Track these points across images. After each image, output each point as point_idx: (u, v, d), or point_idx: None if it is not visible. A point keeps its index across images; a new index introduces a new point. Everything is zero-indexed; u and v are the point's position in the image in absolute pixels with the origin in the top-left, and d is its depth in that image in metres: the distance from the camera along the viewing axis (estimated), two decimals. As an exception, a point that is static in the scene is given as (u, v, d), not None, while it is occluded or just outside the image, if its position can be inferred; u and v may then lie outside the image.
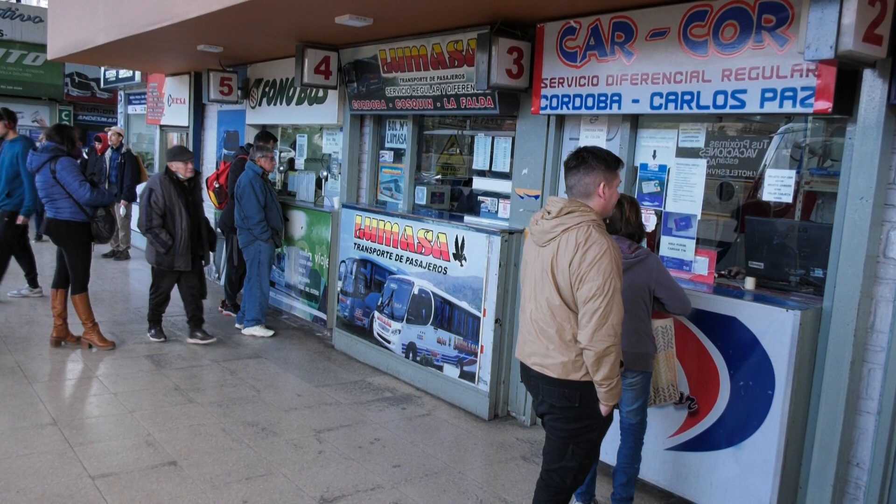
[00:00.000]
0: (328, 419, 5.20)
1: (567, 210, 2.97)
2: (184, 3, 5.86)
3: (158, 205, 6.45)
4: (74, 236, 6.21)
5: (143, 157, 12.29)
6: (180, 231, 6.55)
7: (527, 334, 3.11)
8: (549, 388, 3.03)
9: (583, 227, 2.93)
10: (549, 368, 2.99)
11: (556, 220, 2.97)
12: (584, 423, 3.07)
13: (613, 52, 4.56)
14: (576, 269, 2.87)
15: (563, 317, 2.95)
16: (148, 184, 6.57)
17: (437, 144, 6.98)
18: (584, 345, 2.89)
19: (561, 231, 2.95)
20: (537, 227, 3.04)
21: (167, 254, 6.55)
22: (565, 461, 3.12)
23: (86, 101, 18.53)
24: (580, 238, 2.90)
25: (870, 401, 3.67)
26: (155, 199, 6.45)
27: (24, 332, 6.80)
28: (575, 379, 2.97)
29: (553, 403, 3.05)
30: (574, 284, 2.89)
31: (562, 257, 2.92)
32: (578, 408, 3.02)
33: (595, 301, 2.85)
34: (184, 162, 6.68)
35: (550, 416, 3.12)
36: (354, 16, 5.42)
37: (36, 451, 4.37)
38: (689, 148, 4.57)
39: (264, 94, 8.81)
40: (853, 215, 3.59)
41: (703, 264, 4.44)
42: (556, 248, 2.94)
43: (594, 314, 2.85)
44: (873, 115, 3.49)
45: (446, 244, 5.64)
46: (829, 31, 3.08)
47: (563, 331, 2.95)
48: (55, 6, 9.32)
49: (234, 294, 8.01)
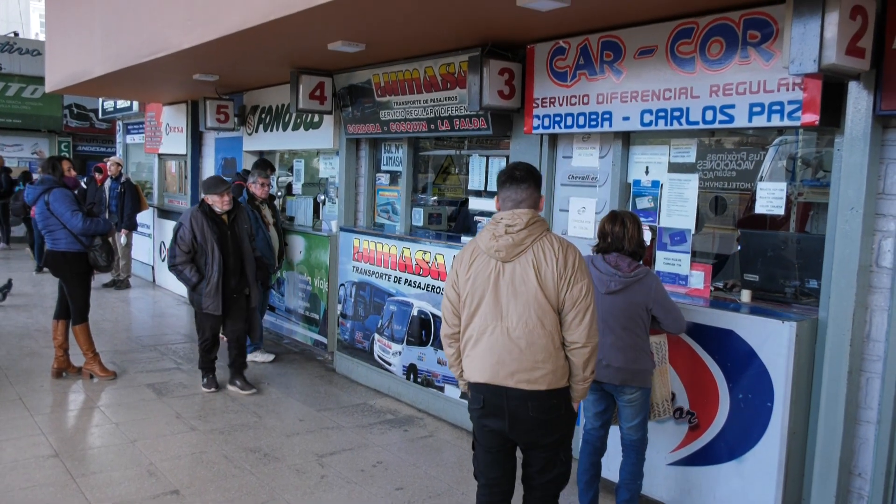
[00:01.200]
0: (330, 443, 5.19)
1: (533, 220, 3.01)
2: (179, 34, 5.94)
3: (185, 240, 5.95)
4: (72, 267, 6.24)
5: (143, 186, 12.36)
6: (211, 270, 6.00)
7: (503, 354, 2.99)
8: (536, 402, 2.98)
9: (547, 234, 3.02)
10: (538, 382, 2.96)
11: (525, 232, 2.98)
12: (569, 428, 3.15)
13: (603, 71, 4.61)
14: (561, 272, 2.94)
15: (552, 325, 2.97)
16: (181, 216, 6.16)
17: (433, 166, 7.03)
18: (581, 343, 2.96)
19: (531, 241, 2.98)
20: (499, 242, 2.98)
21: (194, 291, 6.08)
22: (557, 468, 3.15)
23: (85, 131, 18.65)
24: (555, 245, 2.98)
25: (869, 410, 3.68)
26: (182, 235, 5.97)
27: (26, 364, 6.81)
28: (561, 386, 3.02)
29: (542, 417, 3.00)
30: (562, 288, 2.94)
31: (544, 266, 2.95)
32: (564, 414, 3.08)
33: (586, 299, 2.96)
34: (220, 195, 6.10)
35: (532, 433, 3.04)
36: (347, 42, 5.49)
37: (38, 483, 4.37)
38: (682, 163, 4.61)
39: (261, 121, 8.88)
40: (844, 226, 3.61)
41: (698, 278, 4.46)
42: (534, 259, 2.95)
43: (587, 311, 2.97)
44: (860, 126, 3.53)
45: (444, 265, 5.66)
46: (811, 46, 3.13)
47: (553, 338, 2.97)
48: (53, 39, 9.43)
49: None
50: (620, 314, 3.67)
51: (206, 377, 6.35)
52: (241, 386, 6.29)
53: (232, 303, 6.18)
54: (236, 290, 6.19)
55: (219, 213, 6.11)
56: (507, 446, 3.19)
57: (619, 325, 3.67)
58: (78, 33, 8.37)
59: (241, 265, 6.20)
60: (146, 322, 9.17)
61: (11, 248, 14.91)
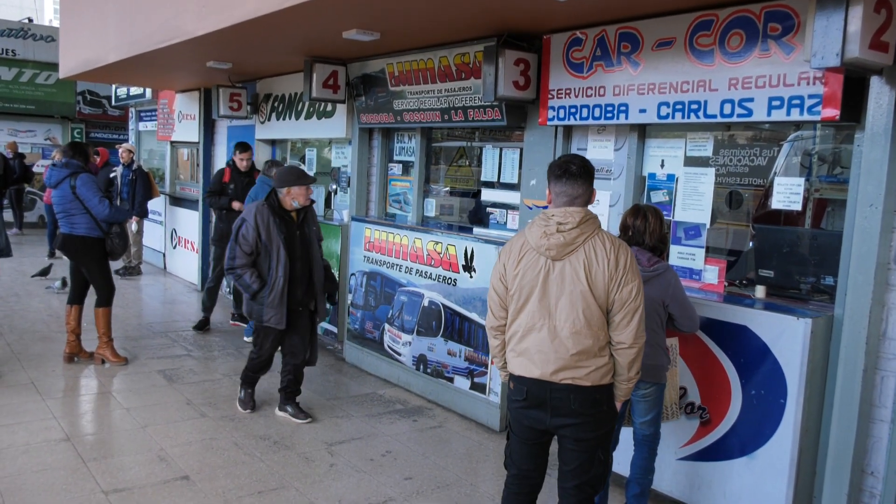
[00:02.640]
0: (340, 432, 5.20)
1: (586, 218, 2.96)
2: (193, 21, 5.93)
3: (248, 240, 5.05)
4: (91, 252, 6.26)
5: (155, 174, 12.39)
6: (275, 275, 5.10)
7: (549, 351, 2.97)
8: (579, 397, 2.97)
9: (599, 233, 2.97)
10: (584, 379, 2.96)
11: (577, 231, 2.93)
12: (611, 425, 3.10)
13: (620, 63, 4.57)
14: (612, 273, 2.91)
15: (599, 325, 2.95)
16: (244, 212, 5.25)
17: (446, 156, 7.01)
18: (628, 344, 2.94)
19: (583, 241, 2.94)
20: (552, 240, 2.94)
21: (254, 300, 5.19)
22: (595, 468, 3.10)
23: (97, 118, 18.69)
24: (606, 244, 2.94)
25: (883, 409, 3.65)
26: (244, 233, 5.07)
27: (38, 349, 6.84)
28: (605, 383, 3.01)
29: (584, 412, 2.98)
30: (612, 289, 2.91)
31: (595, 266, 2.91)
32: (606, 411, 3.04)
33: (635, 300, 2.94)
34: (306, 187, 5.22)
35: (573, 428, 3.03)
36: (362, 30, 5.46)
37: (49, 467, 4.39)
38: (698, 157, 4.57)
39: (273, 109, 8.87)
40: (863, 222, 3.57)
41: (713, 273, 4.43)
42: (585, 258, 2.92)
43: (635, 313, 2.94)
44: (881, 121, 3.49)
45: (456, 256, 5.65)
46: (834, 39, 3.09)
47: (599, 339, 2.95)
48: (67, 25, 9.44)
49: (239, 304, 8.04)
50: None
51: (245, 391, 5.56)
52: (293, 413, 5.40)
53: (297, 317, 5.31)
54: (302, 303, 5.30)
55: (290, 209, 5.24)
56: (543, 439, 3.18)
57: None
58: (92, 19, 8.37)
59: (309, 272, 5.33)
60: (157, 309, 9.20)
61: (24, 234, 14.97)
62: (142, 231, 11.20)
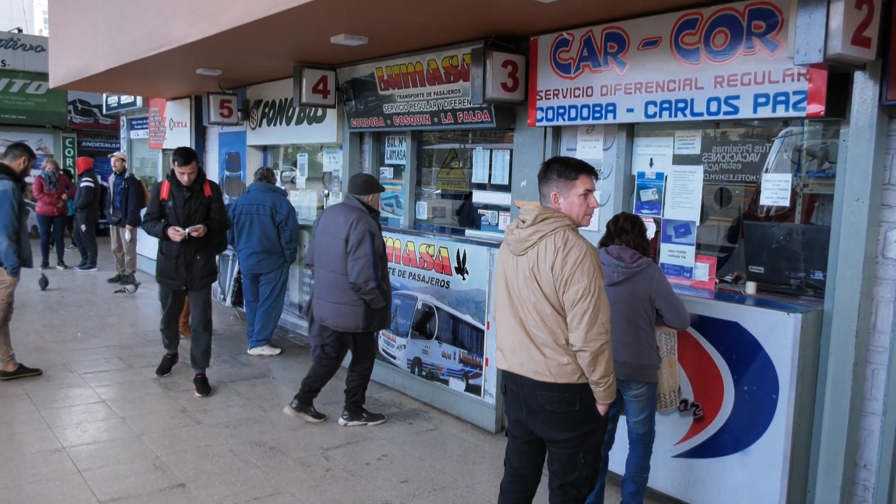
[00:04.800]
0: (335, 437, 5.20)
1: (542, 217, 2.99)
2: (181, 28, 5.94)
3: (378, 253, 5.05)
4: None
5: (147, 182, 12.37)
6: (388, 285, 5.26)
7: (515, 343, 3.04)
8: (547, 393, 2.99)
9: (559, 231, 2.96)
10: (547, 374, 2.96)
11: (533, 228, 2.98)
12: (588, 427, 3.07)
13: (607, 63, 4.59)
14: (559, 273, 2.89)
15: (553, 322, 2.95)
16: (362, 225, 4.98)
17: (437, 159, 7.02)
18: (578, 346, 2.90)
19: (538, 238, 2.97)
20: (513, 236, 3.05)
21: (384, 310, 5.23)
22: (578, 471, 3.09)
23: (89, 127, 18.65)
24: (558, 243, 2.93)
25: (874, 402, 3.67)
26: (378, 246, 5.03)
27: (33, 360, 6.82)
28: (573, 382, 2.97)
29: (552, 409, 3.00)
30: (559, 289, 2.91)
31: (542, 263, 2.93)
32: (580, 411, 3.01)
33: (584, 302, 2.87)
34: (379, 194, 5.36)
35: (546, 426, 3.05)
36: (350, 35, 5.48)
37: (45, 477, 4.38)
38: (686, 155, 4.59)
39: (264, 115, 8.88)
40: (850, 217, 3.60)
41: (703, 270, 4.45)
42: (536, 256, 2.96)
43: (584, 315, 2.88)
44: (866, 116, 3.51)
45: (448, 258, 5.66)
46: (817, 36, 3.11)
47: (555, 336, 2.96)
48: (56, 35, 9.44)
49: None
50: (625, 307, 3.65)
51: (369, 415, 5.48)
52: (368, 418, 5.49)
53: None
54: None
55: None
56: (532, 438, 3.20)
57: (624, 319, 3.65)
58: (81, 29, 8.37)
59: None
60: (151, 317, 9.18)
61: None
62: (135, 239, 11.17)
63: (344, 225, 5.03)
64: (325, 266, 5.17)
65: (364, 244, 4.94)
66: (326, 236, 5.15)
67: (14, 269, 5.97)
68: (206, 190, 5.99)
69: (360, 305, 5.09)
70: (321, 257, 5.21)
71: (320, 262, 5.22)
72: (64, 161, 17.42)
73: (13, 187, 5.92)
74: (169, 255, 5.96)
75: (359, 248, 4.94)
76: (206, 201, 5.98)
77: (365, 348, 5.37)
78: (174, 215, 5.86)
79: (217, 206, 6.04)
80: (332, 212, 5.24)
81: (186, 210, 5.87)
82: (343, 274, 5.04)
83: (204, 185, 5.99)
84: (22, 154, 6.21)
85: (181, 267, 5.91)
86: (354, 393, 5.43)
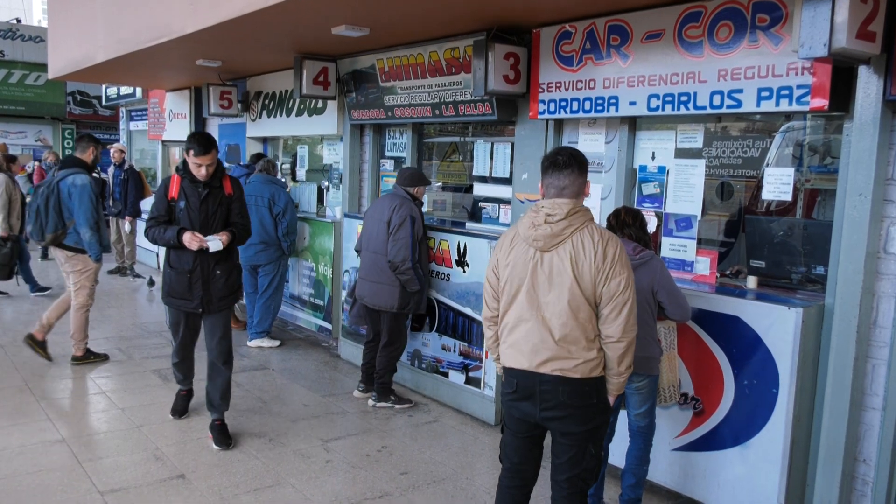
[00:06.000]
0: (335, 428, 5.21)
1: (574, 210, 2.95)
2: (181, 19, 5.91)
3: (417, 237, 5.41)
4: None
5: (146, 173, 12.35)
6: (424, 269, 5.55)
7: (538, 343, 2.98)
8: (568, 388, 2.97)
9: (589, 225, 2.96)
10: (573, 370, 2.95)
11: (565, 223, 2.93)
12: (601, 419, 3.08)
13: (609, 55, 4.58)
14: (599, 266, 2.89)
15: (587, 317, 2.94)
16: (404, 209, 5.38)
17: (438, 152, 7.01)
18: (616, 338, 2.93)
19: (571, 232, 2.93)
20: (538, 231, 2.96)
21: (420, 293, 5.50)
22: (586, 462, 3.09)
23: (88, 118, 18.63)
24: (595, 237, 2.92)
25: (874, 397, 3.67)
26: (417, 231, 5.37)
27: (31, 352, 6.81)
28: (594, 376, 2.99)
29: (573, 404, 2.98)
30: (599, 282, 2.90)
31: (582, 258, 2.90)
32: (596, 404, 3.03)
33: (624, 294, 2.91)
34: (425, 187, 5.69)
35: (562, 421, 3.03)
36: (351, 26, 5.45)
37: (45, 468, 4.39)
38: (688, 149, 4.58)
39: (264, 107, 8.85)
40: (852, 212, 3.59)
41: (704, 264, 4.45)
42: (573, 251, 2.91)
43: (624, 307, 2.92)
44: (869, 111, 3.50)
45: (449, 251, 5.65)
46: (822, 30, 3.10)
47: (587, 331, 2.95)
48: (55, 26, 9.39)
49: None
50: None
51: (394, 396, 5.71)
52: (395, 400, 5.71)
53: None
54: None
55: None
56: (534, 433, 3.18)
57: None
58: (80, 19, 8.33)
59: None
60: (151, 309, 9.19)
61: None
62: (135, 231, 11.16)
63: (388, 209, 5.46)
64: (369, 247, 5.61)
65: (405, 226, 5.35)
66: (373, 221, 5.59)
67: (97, 256, 6.33)
68: (227, 187, 4.83)
69: (396, 286, 5.44)
70: (367, 240, 5.63)
71: (367, 245, 5.64)
72: (63, 152, 17.38)
73: (90, 180, 6.27)
74: (181, 270, 4.71)
75: (399, 229, 5.35)
76: (227, 201, 4.81)
77: (396, 330, 5.62)
78: (187, 219, 4.67)
79: (239, 208, 4.90)
80: (379, 200, 5.74)
81: (203, 212, 4.68)
82: (384, 254, 5.44)
83: (224, 182, 4.82)
84: (90, 145, 6.49)
85: (196, 284, 4.70)
86: (382, 375, 5.67)
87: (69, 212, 6.16)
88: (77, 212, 6.13)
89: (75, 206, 6.13)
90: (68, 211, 6.16)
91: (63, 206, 6.16)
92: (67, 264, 6.34)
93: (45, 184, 6.25)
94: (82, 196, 6.14)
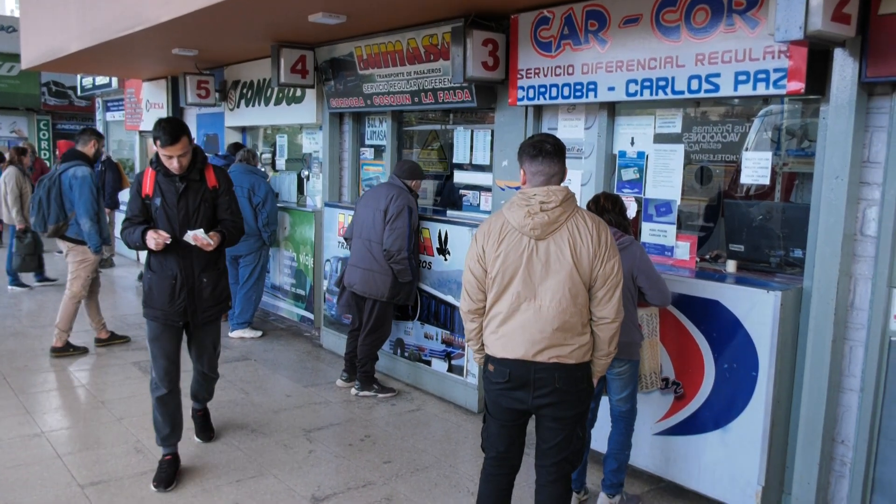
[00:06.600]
0: (318, 418, 5.19)
1: (566, 197, 2.96)
2: (154, 8, 5.83)
3: (413, 228, 5.45)
4: None
5: (124, 164, 12.21)
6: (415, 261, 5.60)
7: (535, 332, 2.96)
8: (563, 374, 2.98)
9: (580, 211, 2.99)
10: (568, 356, 2.97)
11: (560, 210, 2.92)
12: (588, 402, 3.14)
13: (587, 41, 4.56)
14: (596, 250, 2.93)
15: (584, 302, 2.97)
16: (402, 199, 5.38)
17: (419, 140, 6.98)
18: (610, 318, 2.97)
19: (565, 218, 2.93)
20: (534, 220, 2.92)
21: (412, 285, 5.58)
22: (573, 444, 3.13)
23: (64, 109, 18.37)
24: (588, 222, 2.96)
25: (852, 378, 3.71)
26: (413, 222, 5.41)
27: (10, 345, 6.75)
28: (586, 361, 3.04)
29: (566, 389, 3.00)
30: (595, 266, 2.93)
31: (580, 244, 2.92)
32: (585, 388, 3.08)
33: (616, 276, 2.97)
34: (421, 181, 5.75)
35: (555, 406, 3.03)
36: (328, 13, 5.40)
37: (24, 462, 4.34)
38: (667, 133, 4.59)
39: (242, 96, 8.77)
40: (829, 194, 3.61)
41: (684, 249, 4.47)
42: (570, 237, 2.92)
43: (616, 288, 2.97)
44: (845, 93, 3.51)
45: (430, 239, 5.63)
46: (797, 12, 3.10)
47: (583, 315, 2.98)
48: (27, 15, 9.24)
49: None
50: None
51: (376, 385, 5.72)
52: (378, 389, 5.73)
53: None
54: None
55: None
56: (521, 420, 3.19)
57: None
58: (53, 8, 8.19)
59: None
60: (131, 301, 9.10)
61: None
62: (113, 223, 11.04)
63: (385, 198, 5.40)
64: (361, 235, 5.54)
65: (402, 216, 5.33)
66: (367, 209, 5.52)
67: (97, 248, 6.46)
68: (210, 179, 4.17)
69: (389, 275, 5.43)
70: (359, 227, 5.57)
71: (359, 232, 5.58)
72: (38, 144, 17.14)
73: (90, 172, 6.40)
74: (162, 276, 4.09)
75: (397, 219, 5.33)
76: (211, 195, 4.17)
77: (380, 317, 5.60)
78: (164, 218, 4.03)
79: (228, 203, 4.25)
80: (374, 188, 5.67)
81: (182, 209, 4.05)
82: (378, 242, 5.41)
83: (206, 173, 4.16)
84: (91, 138, 6.57)
85: (180, 293, 4.09)
86: (364, 363, 5.66)
87: (70, 203, 6.32)
88: (77, 203, 6.29)
89: (76, 197, 6.28)
90: (70, 202, 6.32)
91: (64, 198, 6.33)
92: (69, 255, 6.50)
93: (48, 176, 6.41)
94: (83, 188, 6.28)
